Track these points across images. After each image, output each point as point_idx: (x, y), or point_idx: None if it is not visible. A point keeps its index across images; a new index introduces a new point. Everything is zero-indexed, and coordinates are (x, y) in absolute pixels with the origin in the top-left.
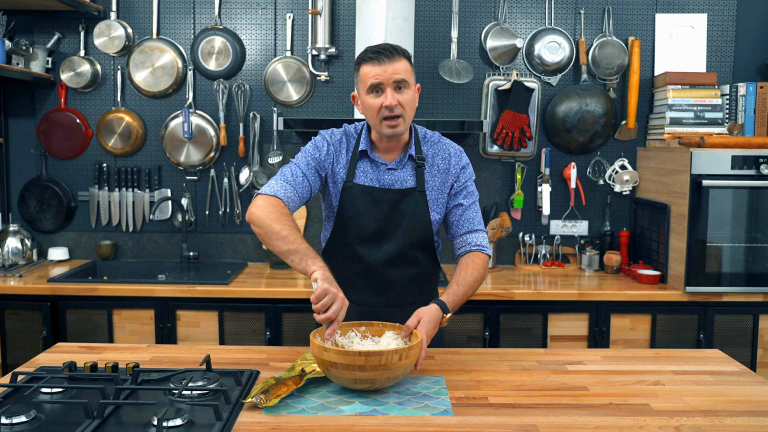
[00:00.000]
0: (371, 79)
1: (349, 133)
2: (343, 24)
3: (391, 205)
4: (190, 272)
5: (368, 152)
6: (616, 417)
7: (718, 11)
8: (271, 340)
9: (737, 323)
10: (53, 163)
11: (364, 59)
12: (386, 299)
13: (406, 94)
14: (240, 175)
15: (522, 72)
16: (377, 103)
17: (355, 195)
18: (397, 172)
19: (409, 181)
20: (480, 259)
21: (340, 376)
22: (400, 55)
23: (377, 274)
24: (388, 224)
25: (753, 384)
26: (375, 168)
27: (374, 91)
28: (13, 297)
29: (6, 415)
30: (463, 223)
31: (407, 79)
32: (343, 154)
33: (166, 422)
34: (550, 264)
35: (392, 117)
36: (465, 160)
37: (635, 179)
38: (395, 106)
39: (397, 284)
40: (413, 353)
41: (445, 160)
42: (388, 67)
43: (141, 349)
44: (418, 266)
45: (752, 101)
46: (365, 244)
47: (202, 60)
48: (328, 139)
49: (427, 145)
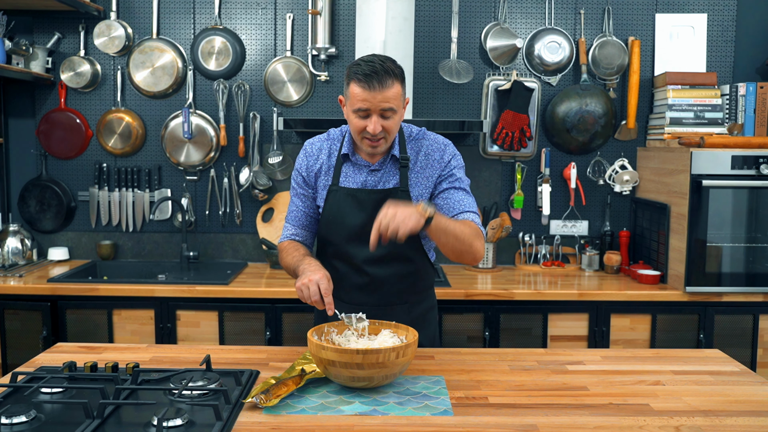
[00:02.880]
0: (359, 103)
1: (333, 137)
2: (343, 24)
3: (373, 206)
4: (190, 272)
5: (350, 156)
6: (616, 417)
7: (718, 11)
8: (271, 340)
9: (737, 323)
10: (53, 163)
11: (355, 77)
12: (378, 298)
13: (392, 119)
14: (240, 175)
15: (522, 72)
16: (361, 124)
17: (339, 197)
18: (380, 173)
19: (392, 182)
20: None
21: (337, 374)
22: (392, 79)
23: (366, 274)
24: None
25: (753, 384)
26: (358, 170)
27: (360, 113)
28: (13, 297)
29: (6, 415)
30: (452, 205)
31: (395, 106)
32: (325, 159)
33: (166, 422)
34: (550, 264)
35: (374, 139)
36: (451, 152)
37: (635, 179)
38: (378, 132)
39: (387, 283)
40: (410, 351)
41: (428, 155)
42: (378, 94)
43: (141, 349)
44: (408, 264)
45: (752, 101)
46: (351, 245)
47: (202, 60)
48: (308, 150)
49: (412, 143)
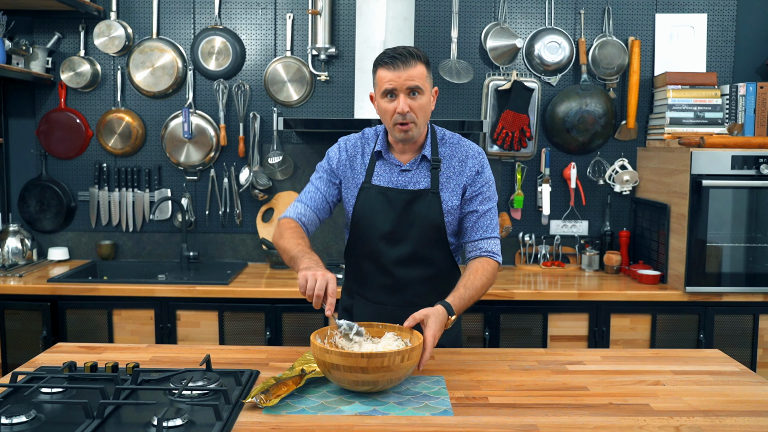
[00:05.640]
0: (386, 84)
1: (367, 136)
2: (343, 24)
3: (403, 206)
4: (190, 272)
5: (383, 153)
6: (616, 417)
7: (718, 11)
8: (271, 340)
9: (737, 323)
10: (53, 163)
11: (380, 62)
12: (401, 299)
13: (420, 99)
14: (240, 175)
15: (522, 72)
16: (391, 107)
17: (371, 195)
18: (411, 173)
19: (422, 183)
20: (490, 265)
21: (341, 378)
22: (416, 59)
23: (391, 274)
24: (401, 225)
25: (753, 384)
26: (390, 169)
27: (388, 95)
28: (13, 297)
29: (6, 415)
30: (477, 229)
31: (421, 85)
32: (359, 157)
33: (166, 422)
34: (550, 264)
35: (404, 122)
36: (482, 163)
37: (635, 179)
38: (407, 113)
39: (411, 284)
40: (415, 354)
41: (461, 162)
42: (403, 73)
43: (141, 349)
44: (433, 267)
45: (752, 101)
46: (380, 244)
47: (202, 60)
48: (342, 146)
49: (445, 147)
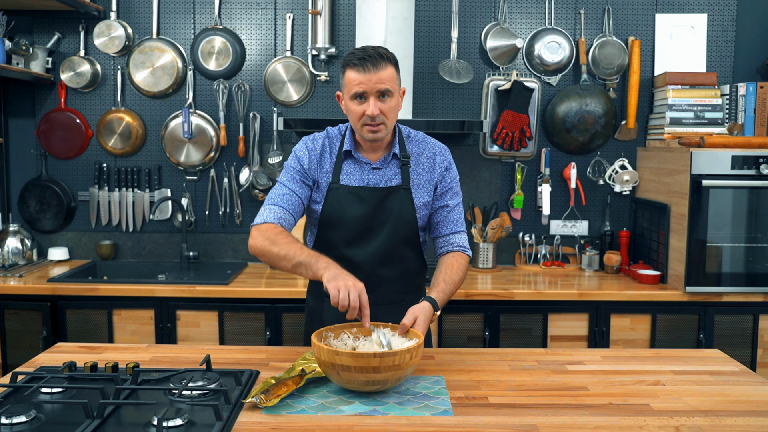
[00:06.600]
0: (355, 87)
1: (332, 136)
2: (343, 24)
3: (376, 204)
4: (190, 272)
5: (352, 152)
6: (616, 417)
7: (718, 11)
8: (271, 340)
9: (737, 323)
10: (53, 163)
11: (349, 63)
12: (375, 298)
13: (390, 102)
14: (240, 175)
15: (522, 72)
16: (360, 110)
17: (340, 196)
18: (382, 170)
19: (394, 179)
20: (463, 259)
21: (351, 379)
22: (386, 61)
23: (365, 273)
24: (374, 222)
25: (753, 384)
26: (360, 168)
27: (358, 98)
28: (13, 297)
29: (6, 415)
30: (447, 224)
31: (391, 87)
32: (327, 157)
33: (166, 422)
34: (550, 264)
35: (373, 124)
36: (449, 159)
37: (635, 179)
38: (377, 115)
39: (384, 282)
40: (420, 352)
41: (430, 158)
42: (373, 75)
43: (141, 349)
44: (405, 264)
45: (752, 101)
46: (352, 244)
47: (202, 60)
48: (309, 146)
49: (412, 144)
